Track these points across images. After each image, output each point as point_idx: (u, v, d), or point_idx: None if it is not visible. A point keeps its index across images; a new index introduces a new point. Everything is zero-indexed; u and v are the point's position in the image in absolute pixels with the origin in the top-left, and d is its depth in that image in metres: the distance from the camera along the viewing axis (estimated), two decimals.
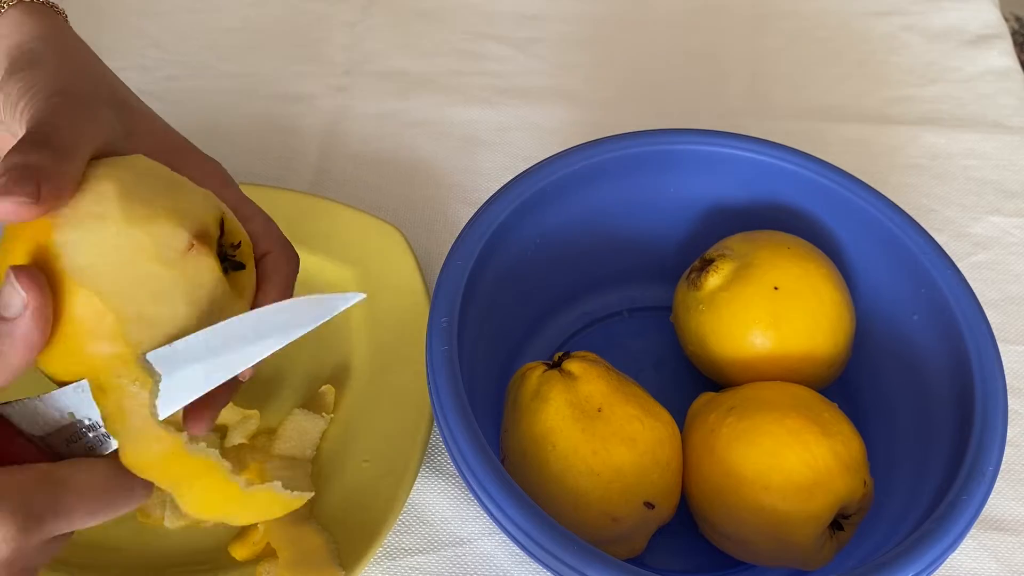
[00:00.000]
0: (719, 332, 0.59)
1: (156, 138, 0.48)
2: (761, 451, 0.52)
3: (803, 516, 0.51)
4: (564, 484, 0.52)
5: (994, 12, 0.94)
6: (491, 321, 0.60)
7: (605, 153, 0.62)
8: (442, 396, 0.51)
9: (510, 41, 0.91)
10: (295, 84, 0.87)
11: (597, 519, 0.53)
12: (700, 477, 0.55)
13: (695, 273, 0.61)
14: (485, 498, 0.49)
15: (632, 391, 0.55)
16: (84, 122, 0.43)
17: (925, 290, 0.58)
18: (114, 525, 0.58)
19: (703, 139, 0.64)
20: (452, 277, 0.56)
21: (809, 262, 0.59)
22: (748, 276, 0.59)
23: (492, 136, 0.83)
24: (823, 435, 0.52)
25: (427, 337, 0.53)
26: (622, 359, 0.59)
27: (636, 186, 0.64)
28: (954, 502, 0.49)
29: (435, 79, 0.88)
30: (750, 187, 0.64)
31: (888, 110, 0.86)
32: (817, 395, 0.56)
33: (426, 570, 0.59)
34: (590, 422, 0.53)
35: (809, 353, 0.58)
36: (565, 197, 0.62)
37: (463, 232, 0.58)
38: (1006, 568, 0.61)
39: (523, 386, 0.56)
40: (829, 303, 0.58)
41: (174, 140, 0.50)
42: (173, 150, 0.48)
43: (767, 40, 0.92)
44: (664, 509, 0.55)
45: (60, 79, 0.45)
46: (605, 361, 0.57)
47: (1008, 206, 0.79)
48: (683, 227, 0.67)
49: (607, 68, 0.90)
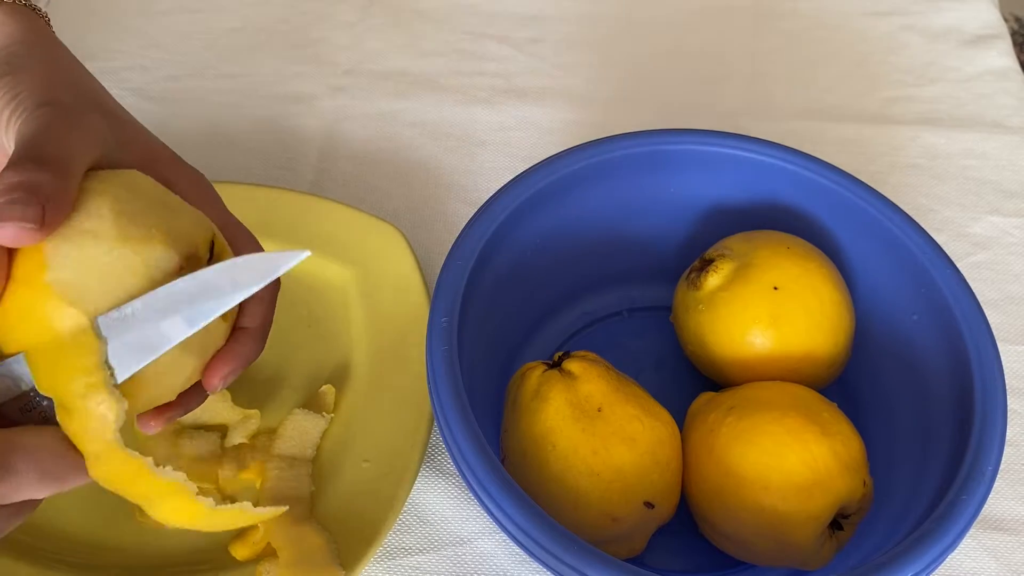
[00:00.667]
0: (719, 332, 0.59)
1: (142, 148, 0.47)
2: (761, 451, 0.52)
3: (803, 516, 0.51)
4: (564, 484, 0.52)
5: (993, 12, 0.94)
6: (491, 321, 0.60)
7: (605, 153, 0.62)
8: (442, 396, 0.51)
9: (510, 41, 0.91)
10: (295, 84, 0.87)
11: (597, 519, 0.53)
12: (700, 477, 0.55)
13: (695, 273, 0.61)
14: (485, 498, 0.49)
15: (632, 391, 0.55)
16: (78, 135, 0.42)
17: (925, 290, 0.58)
18: (114, 525, 0.59)
19: (703, 139, 0.64)
20: (452, 277, 0.56)
21: (809, 262, 0.59)
22: (748, 276, 0.59)
23: (492, 136, 0.83)
24: (823, 435, 0.52)
25: (427, 337, 0.53)
26: (622, 359, 0.59)
27: (636, 186, 0.64)
28: (954, 502, 0.49)
29: (435, 79, 0.88)
30: (750, 187, 0.64)
31: (887, 110, 0.86)
32: (817, 395, 0.56)
33: (426, 570, 0.59)
34: (590, 422, 0.53)
35: (809, 353, 0.58)
36: (565, 197, 0.62)
37: (463, 232, 0.58)
38: (1005, 568, 0.61)
39: (523, 386, 0.56)
40: (829, 303, 0.58)
41: (160, 150, 0.48)
42: (159, 160, 0.47)
43: (767, 40, 0.92)
44: (664, 509, 0.55)
45: (47, 87, 0.43)
46: (605, 361, 0.57)
47: (1007, 206, 0.79)
48: (683, 227, 0.67)
49: (607, 68, 0.90)
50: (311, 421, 0.63)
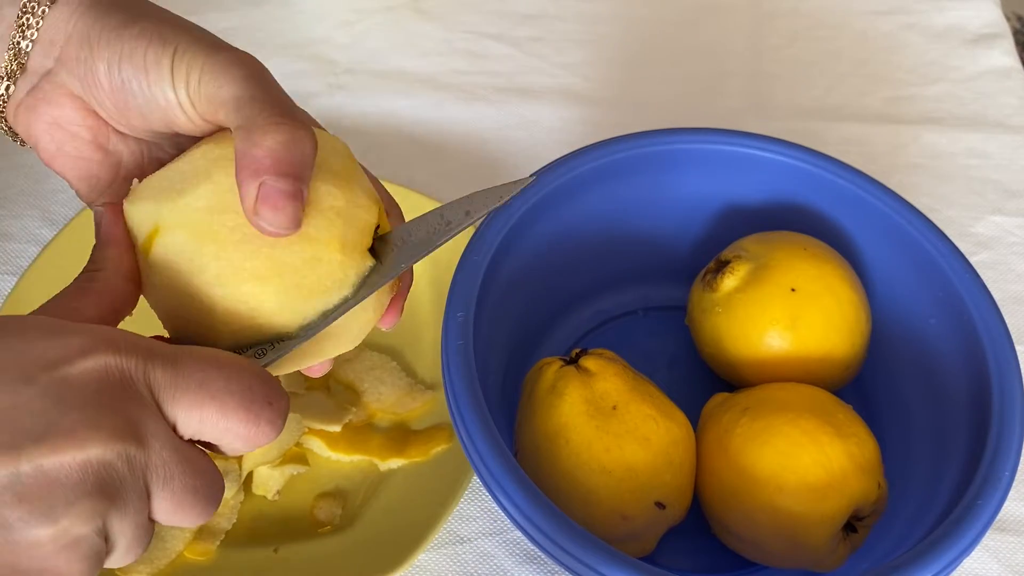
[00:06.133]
0: (735, 334, 0.59)
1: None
2: (775, 452, 0.52)
3: (816, 517, 0.51)
4: (575, 480, 0.52)
5: (995, 11, 0.94)
6: (506, 317, 0.60)
7: (621, 151, 0.62)
8: (456, 390, 0.51)
9: (510, 40, 0.91)
10: (295, 83, 0.86)
11: (607, 516, 0.53)
12: (713, 477, 0.55)
13: (710, 275, 0.60)
14: (499, 493, 0.48)
15: (648, 391, 0.55)
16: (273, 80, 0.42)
17: (943, 293, 0.58)
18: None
19: (721, 139, 0.63)
20: (469, 273, 0.56)
21: (825, 263, 0.59)
22: (765, 277, 0.58)
23: (492, 135, 0.83)
24: (837, 436, 0.52)
25: (443, 331, 0.53)
26: (636, 358, 0.58)
27: (652, 185, 0.64)
28: (970, 506, 0.49)
29: (435, 78, 0.88)
30: (767, 187, 0.64)
31: (889, 109, 0.86)
32: (832, 396, 0.56)
33: (426, 569, 0.59)
34: (604, 419, 0.53)
35: (826, 354, 0.58)
36: (580, 195, 0.62)
37: (480, 228, 0.58)
38: (1007, 569, 0.61)
39: (539, 380, 0.55)
40: (846, 304, 0.58)
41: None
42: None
43: (767, 39, 0.92)
44: (675, 510, 0.55)
45: (189, 29, 0.42)
46: (622, 359, 0.57)
47: (1009, 205, 0.80)
48: (698, 227, 0.67)
49: (607, 66, 0.90)
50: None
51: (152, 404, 0.34)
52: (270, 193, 0.38)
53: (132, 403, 0.34)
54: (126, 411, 0.33)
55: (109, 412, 0.33)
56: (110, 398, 0.33)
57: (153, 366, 0.34)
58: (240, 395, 0.36)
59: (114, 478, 0.33)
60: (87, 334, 0.34)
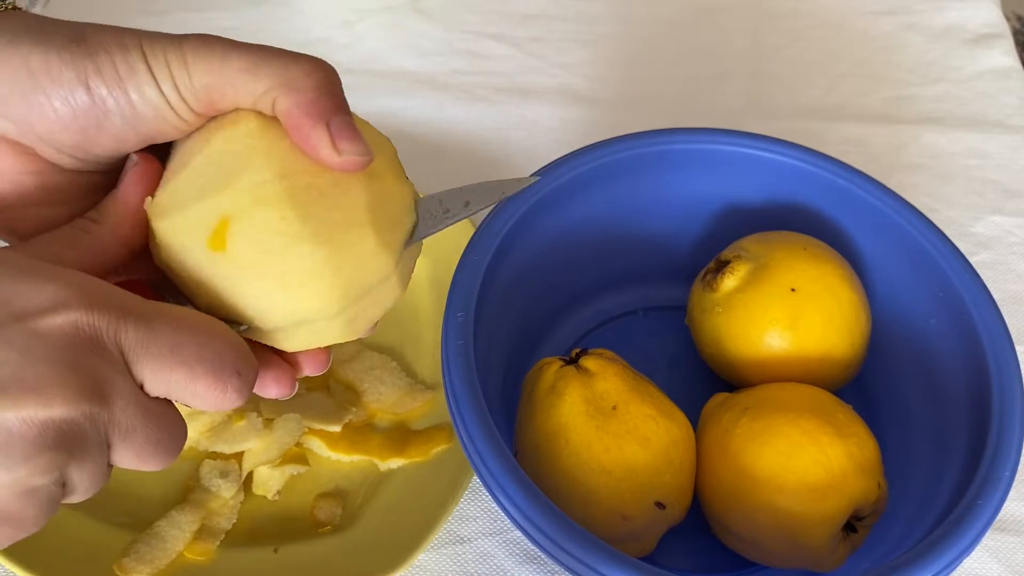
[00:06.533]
0: (735, 334, 0.59)
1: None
2: (775, 452, 0.52)
3: (816, 517, 0.51)
4: (575, 480, 0.52)
5: (995, 11, 0.94)
6: (506, 317, 0.60)
7: (621, 151, 0.62)
8: (457, 390, 0.51)
9: (510, 40, 0.91)
10: None
11: (607, 516, 0.53)
12: (713, 477, 0.55)
13: (710, 275, 0.60)
14: (499, 493, 0.48)
15: (648, 391, 0.55)
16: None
17: (943, 294, 0.58)
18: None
19: (720, 138, 0.63)
20: (469, 273, 0.55)
21: (825, 263, 0.59)
22: (765, 277, 0.58)
23: (492, 135, 0.83)
24: (837, 436, 0.52)
25: (443, 331, 0.53)
26: (636, 358, 0.58)
27: (652, 185, 0.64)
28: (970, 506, 0.48)
29: (435, 78, 0.88)
30: (767, 187, 0.64)
31: (889, 109, 0.86)
32: (832, 396, 0.56)
33: (426, 569, 0.59)
34: (604, 419, 0.53)
35: (826, 354, 0.58)
36: (580, 195, 0.62)
37: (480, 228, 0.58)
38: (1007, 568, 0.61)
39: (539, 380, 0.55)
40: (847, 304, 0.58)
41: None
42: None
43: (767, 39, 0.92)
44: (675, 510, 0.54)
45: (135, 31, 0.42)
46: (622, 359, 0.57)
47: (1009, 205, 0.80)
48: (698, 227, 0.67)
49: (608, 66, 0.90)
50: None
51: (120, 362, 0.34)
52: (342, 127, 0.38)
53: (100, 361, 0.33)
54: (93, 369, 0.33)
55: (76, 370, 0.32)
56: (78, 355, 0.33)
57: (125, 326, 0.34)
58: (210, 362, 0.36)
59: (76, 433, 0.32)
60: (61, 283, 0.34)
